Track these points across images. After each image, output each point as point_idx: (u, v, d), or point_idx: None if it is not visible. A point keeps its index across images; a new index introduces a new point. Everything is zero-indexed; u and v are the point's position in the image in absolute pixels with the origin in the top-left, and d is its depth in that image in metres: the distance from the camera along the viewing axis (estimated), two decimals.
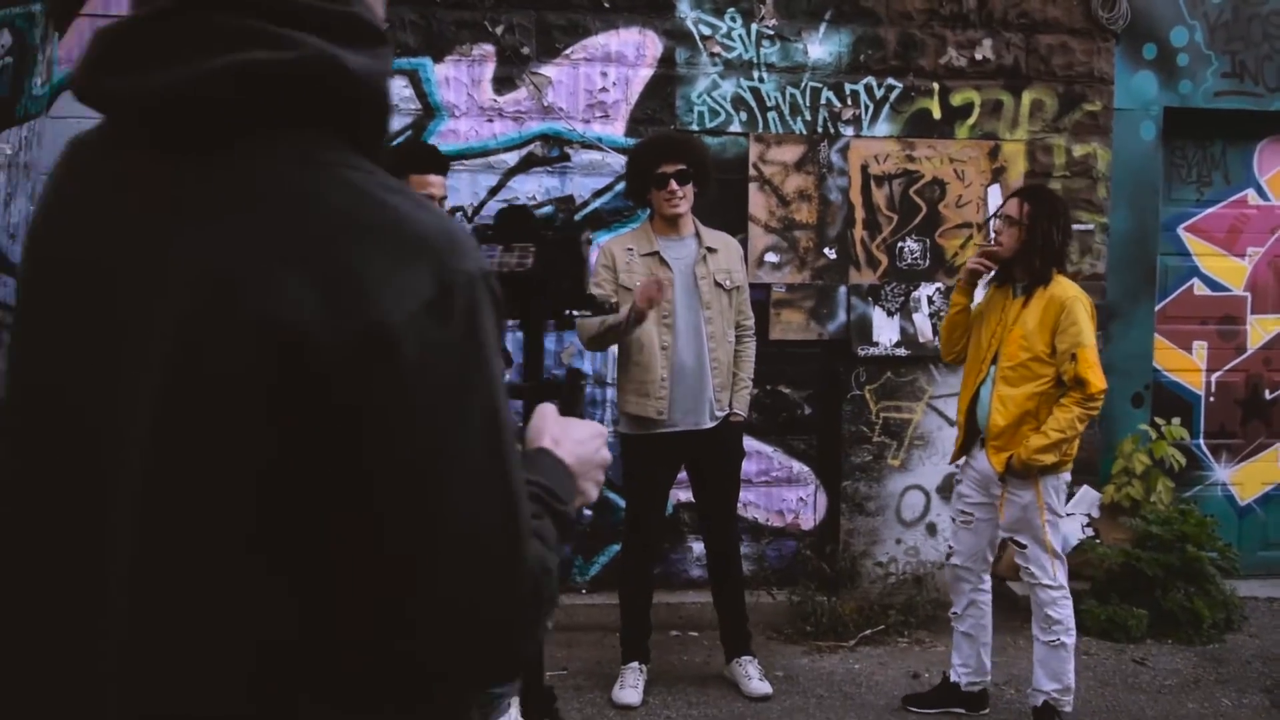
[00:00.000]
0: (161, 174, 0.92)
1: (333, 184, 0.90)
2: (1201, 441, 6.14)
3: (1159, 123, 5.75)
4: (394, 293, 0.85)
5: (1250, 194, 6.10)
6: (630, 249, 4.38)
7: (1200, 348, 6.15)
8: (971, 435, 4.19)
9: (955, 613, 4.30)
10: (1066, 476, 4.15)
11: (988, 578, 4.26)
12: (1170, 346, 6.06)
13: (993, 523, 4.14)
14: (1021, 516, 4.01)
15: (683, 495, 5.07)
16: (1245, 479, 6.28)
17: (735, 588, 4.58)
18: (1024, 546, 4.03)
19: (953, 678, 4.31)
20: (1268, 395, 6.23)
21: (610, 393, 5.26)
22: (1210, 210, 6.06)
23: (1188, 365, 6.12)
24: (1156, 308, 5.91)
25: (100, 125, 0.99)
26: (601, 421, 5.33)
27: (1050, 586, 4.01)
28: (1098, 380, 4.00)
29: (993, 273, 4.21)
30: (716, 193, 4.70)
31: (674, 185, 4.30)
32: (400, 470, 0.86)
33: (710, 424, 4.38)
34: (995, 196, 5.58)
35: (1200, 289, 6.12)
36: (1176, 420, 5.77)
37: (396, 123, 5.08)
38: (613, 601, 5.29)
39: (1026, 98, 5.57)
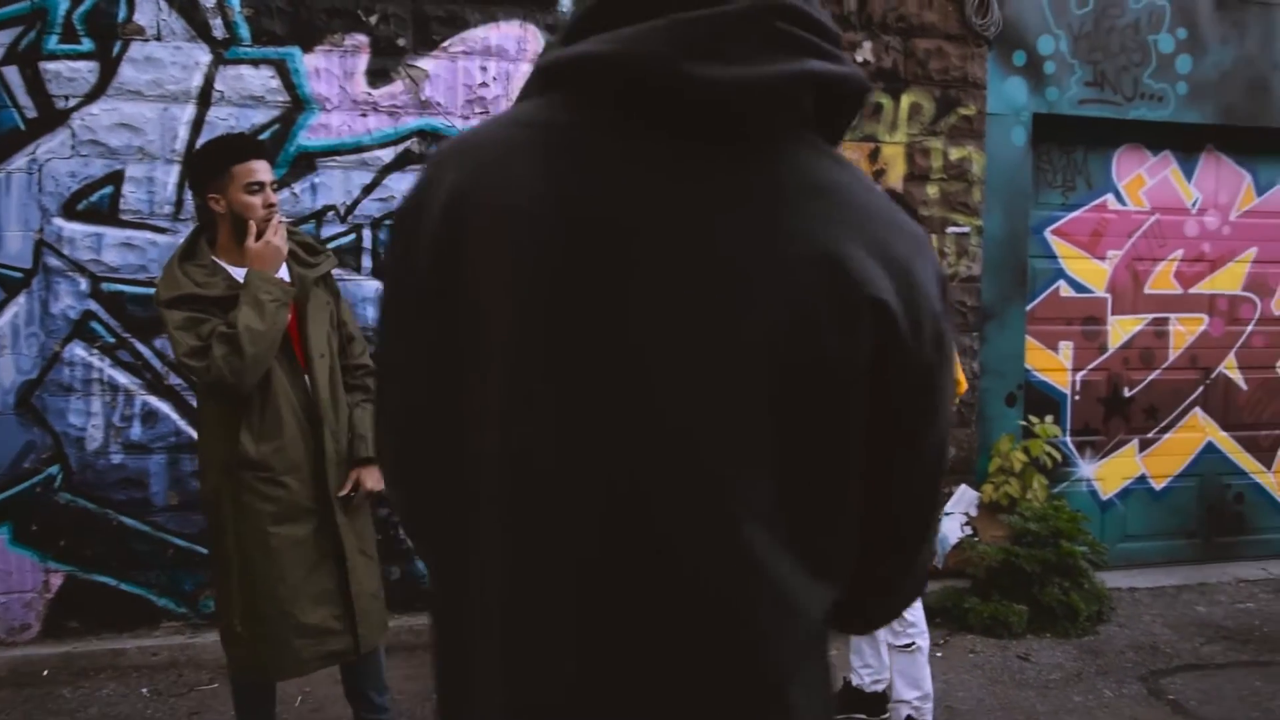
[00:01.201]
0: (695, 156, 1.04)
1: (849, 176, 1.09)
2: (1068, 439, 6.32)
3: (1029, 128, 5.88)
4: (928, 281, 1.08)
5: (1110, 199, 6.31)
6: None
7: (1066, 348, 6.33)
8: None
9: None
10: None
11: None
12: (1039, 346, 6.22)
13: None
14: None
15: None
16: (1107, 474, 6.49)
17: None
18: None
19: (855, 681, 4.27)
20: (1127, 393, 6.46)
21: None
22: (1074, 214, 6.25)
23: (1055, 365, 6.29)
24: (1027, 309, 6.05)
25: (549, 106, 1.09)
26: None
27: None
28: (963, 381, 4.05)
29: None
30: None
31: None
32: (930, 416, 1.12)
33: None
34: None
35: (1066, 290, 6.29)
36: (1050, 419, 5.91)
37: (261, 115, 4.75)
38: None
39: (905, 101, 5.61)
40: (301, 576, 3.21)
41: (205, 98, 4.69)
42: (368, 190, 4.87)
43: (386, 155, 4.91)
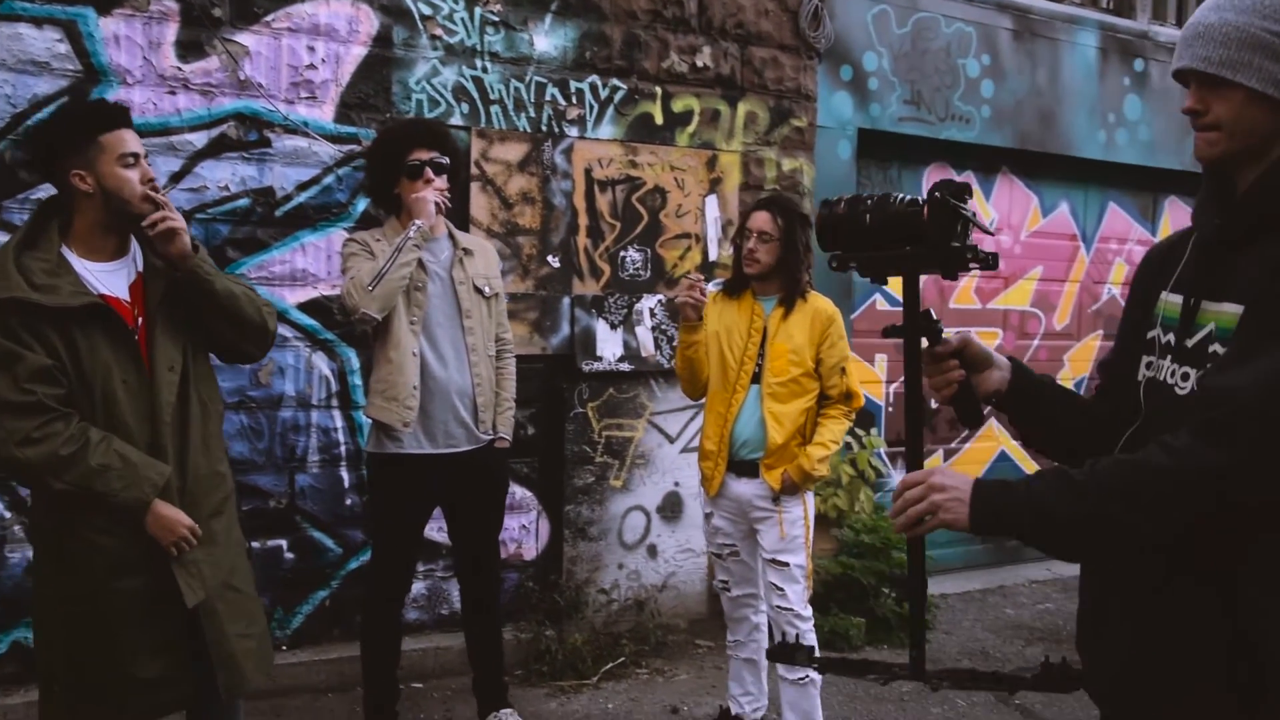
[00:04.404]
0: None
1: None
2: (883, 451, 6.42)
3: (854, 142, 5.93)
4: None
5: None
6: (380, 241, 3.76)
7: (881, 360, 6.44)
8: (726, 462, 3.94)
9: (736, 640, 4.08)
10: None
11: (762, 598, 4.06)
12: (858, 359, 6.28)
13: (755, 546, 3.94)
14: (791, 533, 3.83)
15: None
16: None
17: (494, 634, 4.06)
18: (785, 566, 3.84)
19: (734, 709, 4.09)
20: (933, 404, 6.64)
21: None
22: None
23: (872, 377, 6.39)
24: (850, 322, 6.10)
25: None
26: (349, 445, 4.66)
27: (801, 617, 3.81)
28: (860, 392, 3.98)
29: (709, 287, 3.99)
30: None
31: (430, 175, 3.74)
32: None
33: (471, 448, 3.85)
34: (712, 207, 5.48)
35: (882, 304, 6.40)
36: (873, 431, 5.97)
37: (45, 85, 4.06)
38: (320, 658, 4.63)
39: (741, 109, 5.52)
40: (141, 628, 2.70)
41: None
42: (176, 179, 4.26)
43: (198, 139, 4.31)
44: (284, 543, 4.59)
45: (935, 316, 1.92)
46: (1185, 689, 1.64)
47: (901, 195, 1.87)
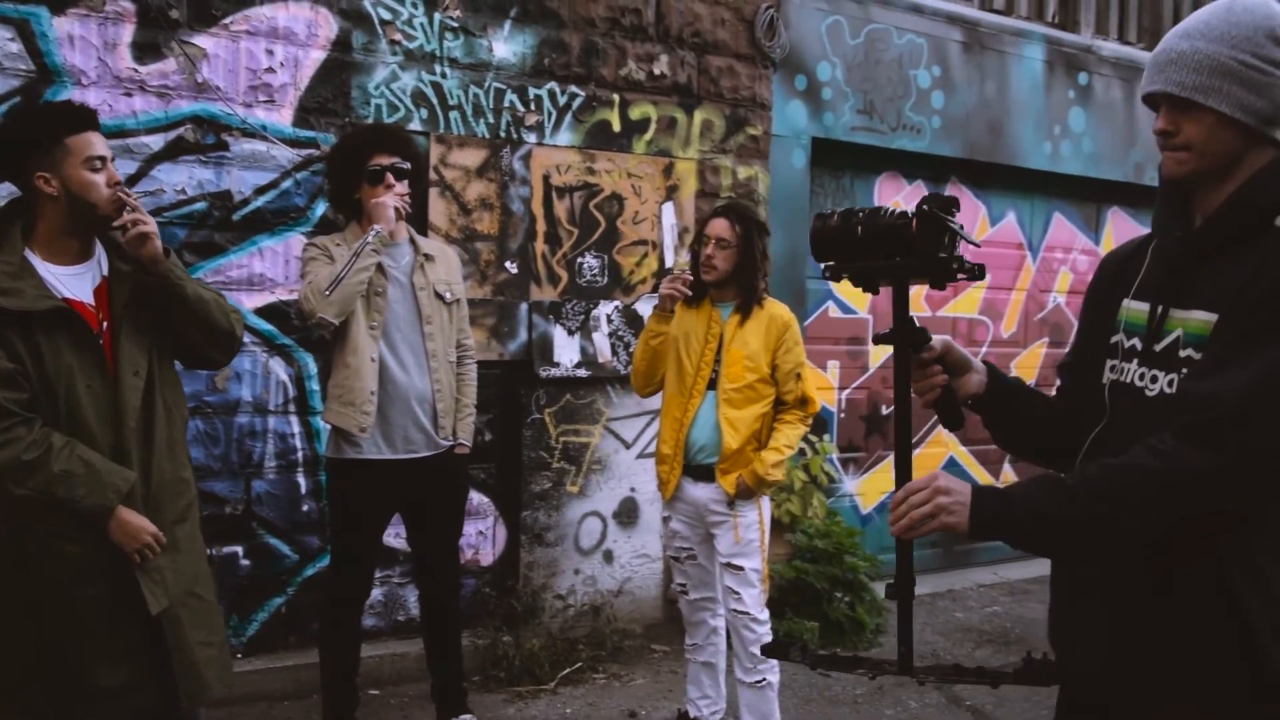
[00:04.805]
0: None
1: None
2: (834, 456, 6.50)
3: (808, 151, 6.00)
4: None
5: None
6: (340, 246, 3.75)
7: (834, 367, 6.52)
8: (682, 466, 3.99)
9: (695, 644, 4.11)
10: None
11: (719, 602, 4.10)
12: (811, 365, 6.34)
13: (713, 550, 3.98)
14: (746, 537, 3.88)
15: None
16: (867, 489, 6.75)
17: (454, 640, 4.06)
18: (741, 570, 3.88)
19: (692, 713, 4.12)
20: (885, 410, 6.74)
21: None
22: None
23: (824, 384, 6.46)
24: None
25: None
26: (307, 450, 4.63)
27: (758, 621, 3.86)
28: (816, 398, 4.03)
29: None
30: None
31: (391, 180, 3.74)
32: None
33: (430, 453, 3.85)
34: (669, 214, 5.52)
35: (834, 311, 6.48)
36: (827, 437, 6.04)
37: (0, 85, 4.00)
38: (277, 665, 4.60)
39: (698, 117, 5.57)
40: (103, 635, 2.68)
41: None
42: (132, 181, 4.20)
43: (155, 142, 4.26)
44: (240, 549, 4.55)
45: (919, 324, 1.98)
46: (1188, 682, 1.73)
47: (891, 209, 1.92)
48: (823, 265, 2.02)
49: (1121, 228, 7.76)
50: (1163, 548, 1.70)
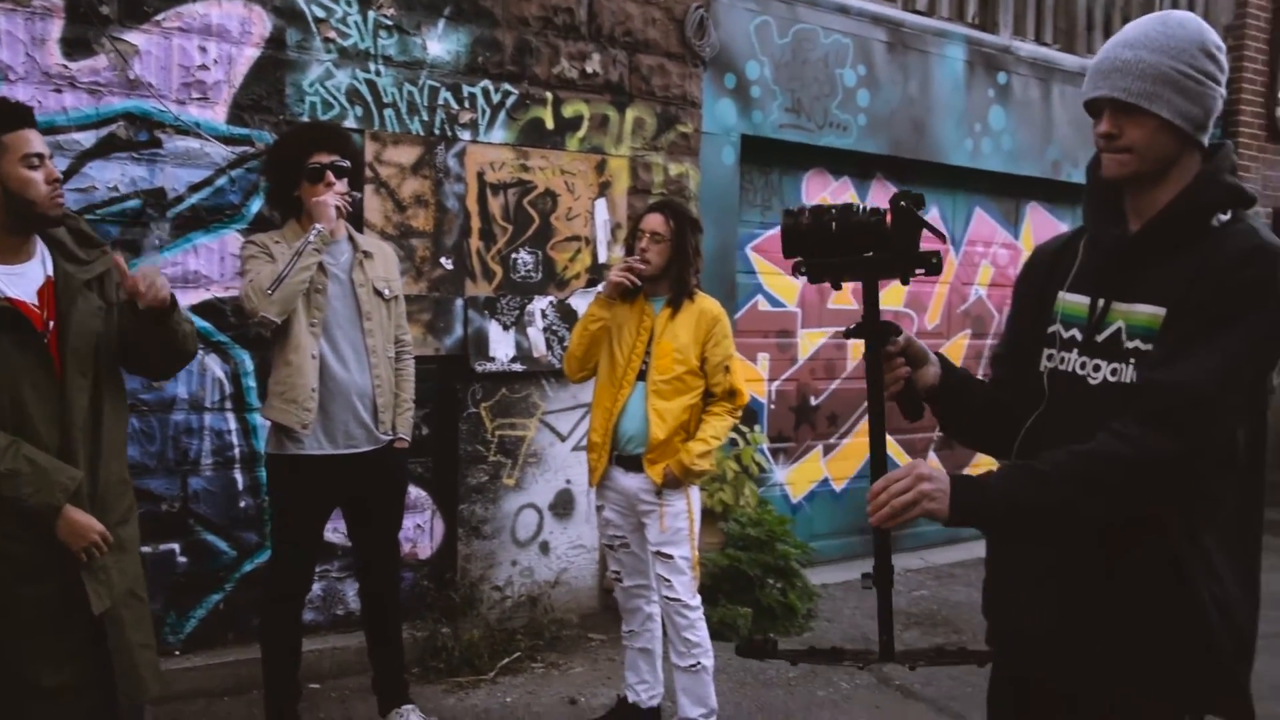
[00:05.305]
0: None
1: None
2: (764, 447, 6.64)
3: (737, 148, 6.13)
4: None
5: None
6: (279, 244, 3.78)
7: (764, 359, 6.66)
8: (610, 455, 4.09)
9: (631, 630, 4.21)
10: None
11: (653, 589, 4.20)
12: (741, 358, 6.48)
13: (645, 539, 4.09)
14: (673, 526, 3.99)
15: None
16: (797, 479, 6.90)
17: (395, 632, 4.11)
18: (670, 558, 3.99)
19: (631, 698, 4.22)
20: (813, 401, 6.91)
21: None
22: (771, 232, 6.59)
23: (754, 376, 6.60)
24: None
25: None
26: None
27: (690, 607, 3.97)
28: (744, 391, 4.15)
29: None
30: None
31: (331, 178, 3.78)
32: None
33: (371, 448, 3.90)
34: (601, 210, 5.61)
35: (763, 305, 6.63)
36: (757, 428, 6.18)
37: None
38: (215, 661, 4.61)
39: (630, 114, 5.66)
40: (47, 636, 2.70)
41: None
42: (64, 178, 4.18)
43: (86, 139, 4.25)
44: (177, 546, 4.55)
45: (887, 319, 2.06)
46: (1134, 646, 1.87)
47: (863, 205, 1.99)
48: (793, 262, 2.07)
49: (1039, 222, 8.02)
50: (1115, 524, 1.84)
